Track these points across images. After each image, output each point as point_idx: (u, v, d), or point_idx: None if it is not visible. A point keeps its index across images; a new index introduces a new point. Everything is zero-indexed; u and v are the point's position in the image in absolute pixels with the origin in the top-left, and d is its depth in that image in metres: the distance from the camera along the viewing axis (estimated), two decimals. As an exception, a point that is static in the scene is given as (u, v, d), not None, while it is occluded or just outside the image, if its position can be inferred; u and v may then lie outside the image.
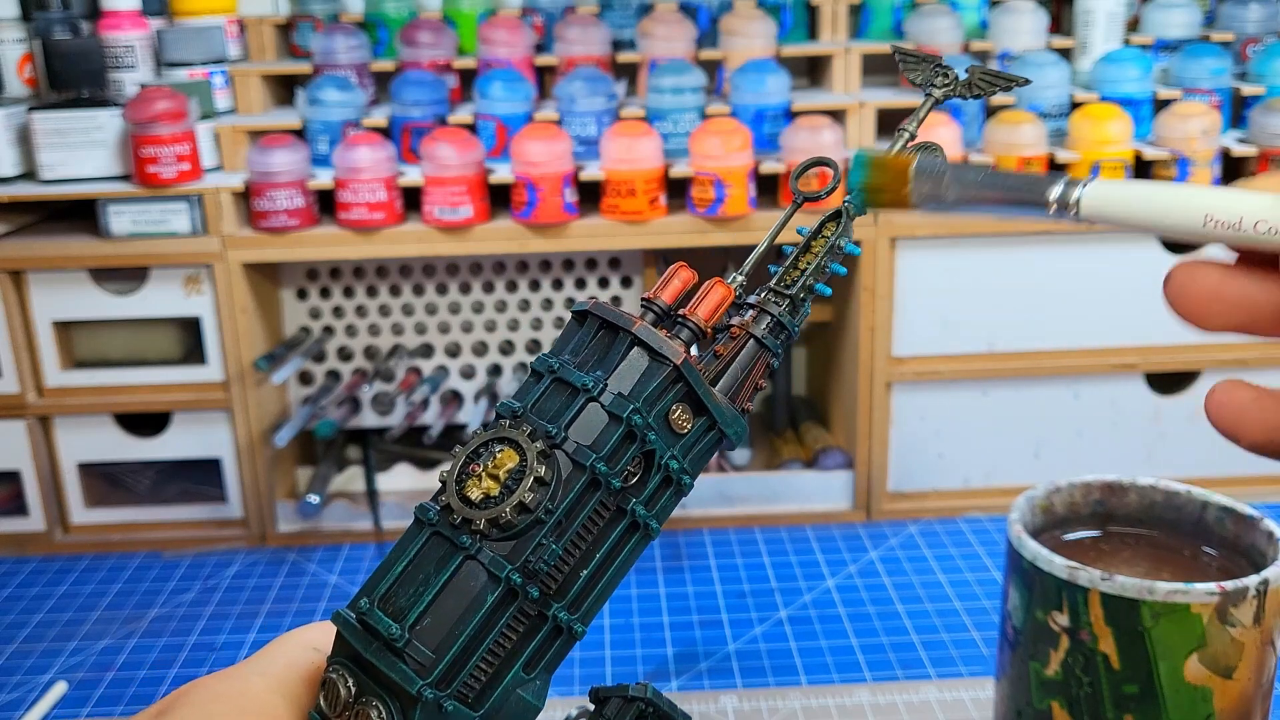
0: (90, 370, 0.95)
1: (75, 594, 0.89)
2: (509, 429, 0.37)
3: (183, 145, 0.90)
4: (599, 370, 0.38)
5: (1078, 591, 0.52)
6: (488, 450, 0.37)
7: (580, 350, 0.39)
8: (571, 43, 1.00)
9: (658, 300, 0.40)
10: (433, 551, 0.37)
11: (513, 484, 0.37)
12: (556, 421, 0.37)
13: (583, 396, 0.38)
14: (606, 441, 0.37)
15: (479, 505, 0.37)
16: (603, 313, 0.39)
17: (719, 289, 0.41)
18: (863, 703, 0.71)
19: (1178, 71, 1.00)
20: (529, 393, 0.39)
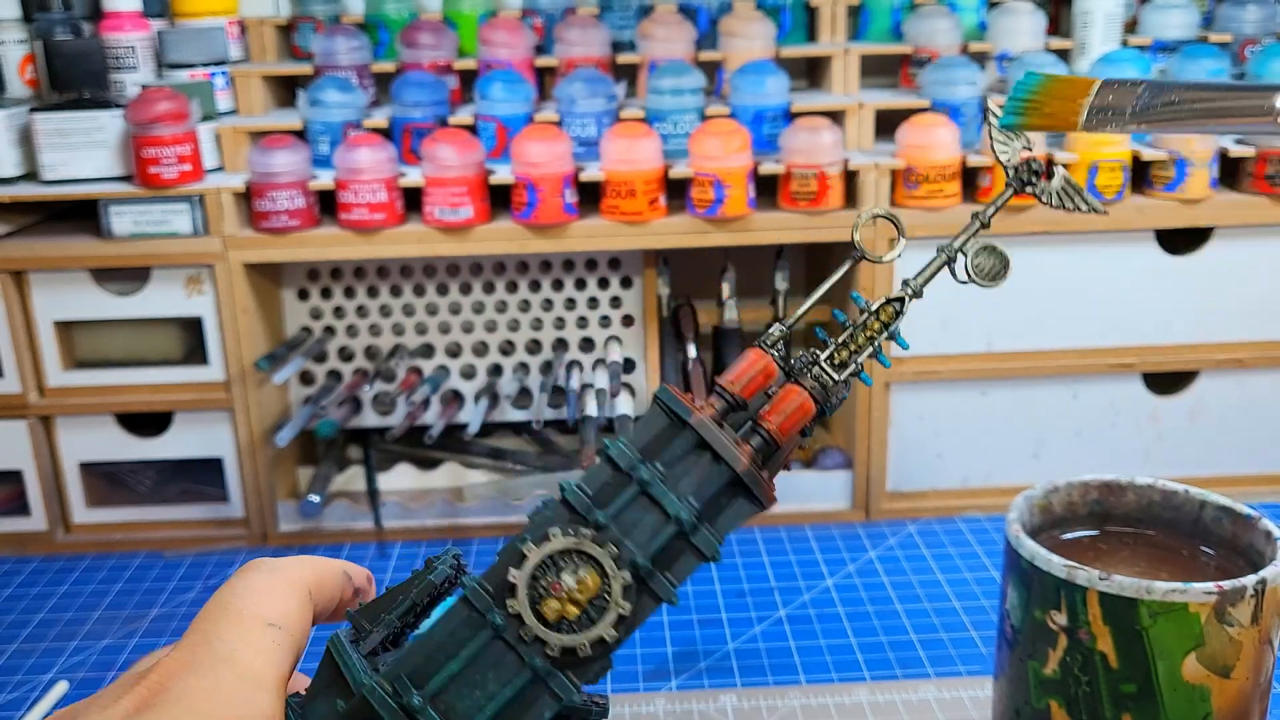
0: (92, 370, 0.95)
1: (77, 593, 0.89)
2: (592, 544, 0.36)
3: (184, 146, 0.90)
4: (692, 496, 0.37)
5: (1076, 591, 0.52)
6: (568, 563, 0.37)
7: (673, 462, 0.38)
8: (571, 44, 1.01)
9: (733, 392, 0.39)
10: (492, 656, 0.36)
11: (594, 613, 0.36)
12: (645, 549, 0.37)
13: (673, 526, 0.37)
14: (687, 573, 0.37)
15: (554, 627, 0.36)
16: (706, 434, 0.38)
17: (806, 406, 0.39)
18: (862, 702, 0.72)
19: (1176, 72, 1.00)
20: (611, 498, 0.37)
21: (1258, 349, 0.96)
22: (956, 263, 0.44)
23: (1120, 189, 0.92)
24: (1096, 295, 0.95)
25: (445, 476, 1.01)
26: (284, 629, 0.36)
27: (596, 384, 0.97)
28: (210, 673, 0.33)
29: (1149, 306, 0.95)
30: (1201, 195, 0.93)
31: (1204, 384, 0.97)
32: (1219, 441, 0.98)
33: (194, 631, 0.35)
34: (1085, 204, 0.43)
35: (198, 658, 0.34)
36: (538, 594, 0.36)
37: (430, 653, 0.37)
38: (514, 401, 0.99)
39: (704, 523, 0.38)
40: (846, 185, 0.93)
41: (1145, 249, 0.94)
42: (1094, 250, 0.94)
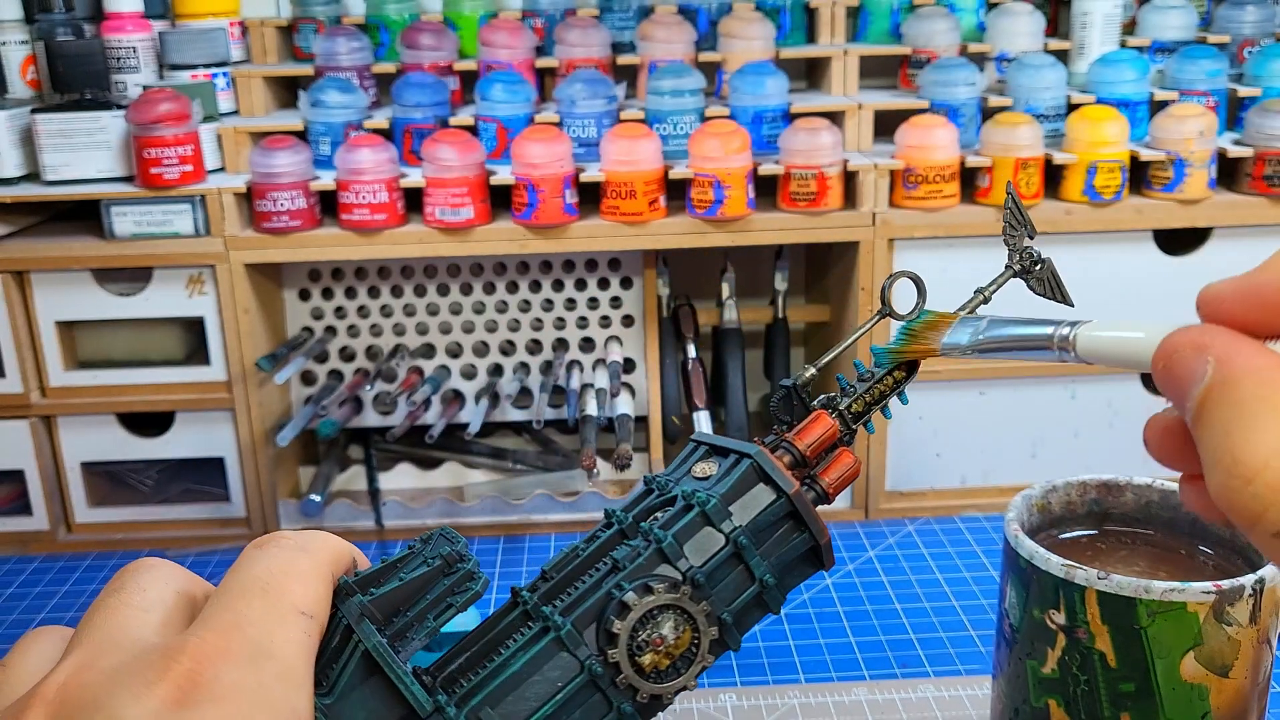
0: (93, 370, 0.95)
1: (78, 593, 0.90)
2: (690, 603, 0.38)
3: (185, 147, 0.91)
4: (773, 557, 0.40)
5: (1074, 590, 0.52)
6: (666, 616, 0.38)
7: (762, 526, 0.40)
8: (571, 45, 1.01)
9: (805, 454, 0.42)
10: (583, 698, 0.38)
11: (682, 666, 0.38)
12: (730, 606, 0.39)
13: (755, 587, 0.39)
14: (752, 626, 0.40)
15: (648, 676, 0.38)
16: (802, 509, 0.40)
17: (856, 468, 0.42)
18: (861, 700, 0.72)
19: (1174, 73, 1.00)
20: (705, 550, 0.39)
21: (1255, 349, 0.97)
22: None
23: (1119, 189, 0.92)
24: (1095, 295, 0.95)
25: (446, 476, 1.01)
26: (314, 618, 0.34)
27: (597, 384, 0.97)
28: (251, 667, 0.31)
29: (1147, 307, 0.96)
30: (1200, 196, 0.93)
31: (1202, 384, 0.98)
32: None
33: (223, 609, 0.33)
34: (1062, 297, 0.49)
35: (234, 645, 0.32)
36: (638, 646, 0.38)
37: (519, 691, 0.38)
38: (514, 401, 1.00)
39: (778, 581, 0.40)
40: (846, 186, 0.94)
41: (1144, 249, 0.94)
42: (1093, 251, 0.94)
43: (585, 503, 0.96)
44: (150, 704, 0.30)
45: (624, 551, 0.39)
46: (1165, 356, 0.30)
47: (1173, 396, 0.29)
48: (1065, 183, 0.93)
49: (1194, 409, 0.28)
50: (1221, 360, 0.28)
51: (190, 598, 0.35)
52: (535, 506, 0.97)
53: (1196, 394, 0.28)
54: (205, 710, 0.30)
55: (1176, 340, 0.30)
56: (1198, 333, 0.30)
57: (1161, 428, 0.32)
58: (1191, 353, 0.29)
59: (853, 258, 0.95)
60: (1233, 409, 0.27)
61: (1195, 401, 0.28)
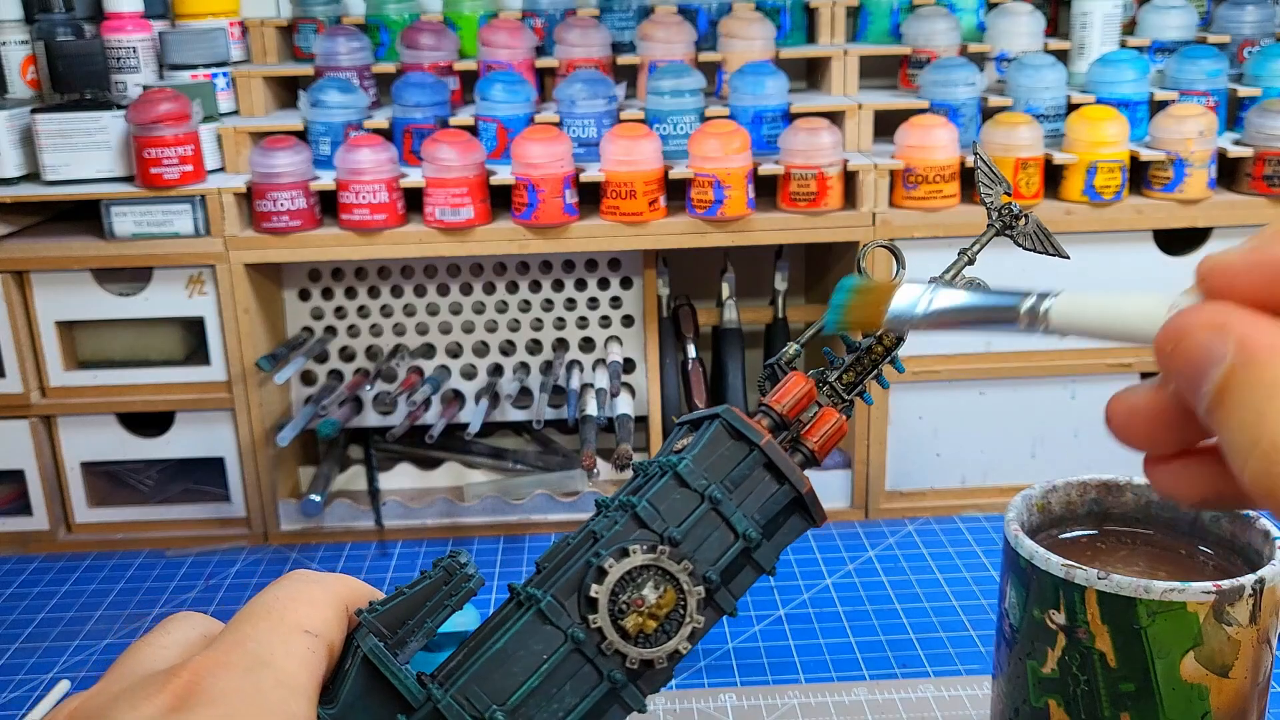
0: (94, 370, 0.95)
1: (78, 593, 0.90)
2: (670, 560, 0.38)
3: (185, 147, 0.91)
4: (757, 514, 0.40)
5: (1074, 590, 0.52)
6: (646, 577, 0.38)
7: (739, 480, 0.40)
8: (571, 45, 1.01)
9: (781, 413, 0.42)
10: (570, 669, 0.38)
11: (670, 628, 0.38)
12: (714, 564, 0.39)
13: (740, 544, 0.39)
14: (746, 588, 0.40)
15: (634, 641, 0.38)
16: (772, 454, 0.40)
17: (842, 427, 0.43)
18: (861, 700, 0.72)
19: (1174, 73, 1.00)
20: (680, 510, 0.39)
21: (1255, 349, 0.97)
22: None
23: (1118, 189, 0.92)
24: (1095, 295, 0.95)
25: (446, 476, 1.01)
26: (320, 637, 0.35)
27: (597, 384, 0.97)
28: (248, 675, 0.32)
29: (1147, 307, 0.96)
30: (1200, 196, 0.93)
31: (1202, 384, 0.98)
32: (1217, 441, 0.99)
33: (230, 631, 0.35)
34: (1053, 249, 0.47)
35: (233, 658, 0.33)
36: (619, 609, 0.38)
37: (505, 667, 0.38)
38: (514, 401, 1.00)
39: (765, 539, 0.40)
40: (845, 186, 0.94)
41: (1143, 249, 0.94)
42: (1092, 250, 0.94)
43: (585, 503, 0.96)
44: (147, 711, 0.31)
45: (602, 523, 0.39)
46: (1175, 337, 0.28)
47: (1182, 379, 0.28)
48: (1065, 183, 0.93)
49: (1213, 393, 0.27)
50: (1244, 341, 0.26)
51: (212, 639, 0.36)
52: (535, 506, 0.97)
53: (1216, 376, 0.26)
54: (200, 712, 0.31)
55: (1188, 320, 0.28)
56: (1213, 311, 0.28)
57: (1128, 407, 0.31)
58: (1208, 333, 0.27)
59: (852, 258, 0.94)
60: (1265, 391, 0.26)
61: (1215, 385, 0.26)
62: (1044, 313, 0.34)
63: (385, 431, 1.00)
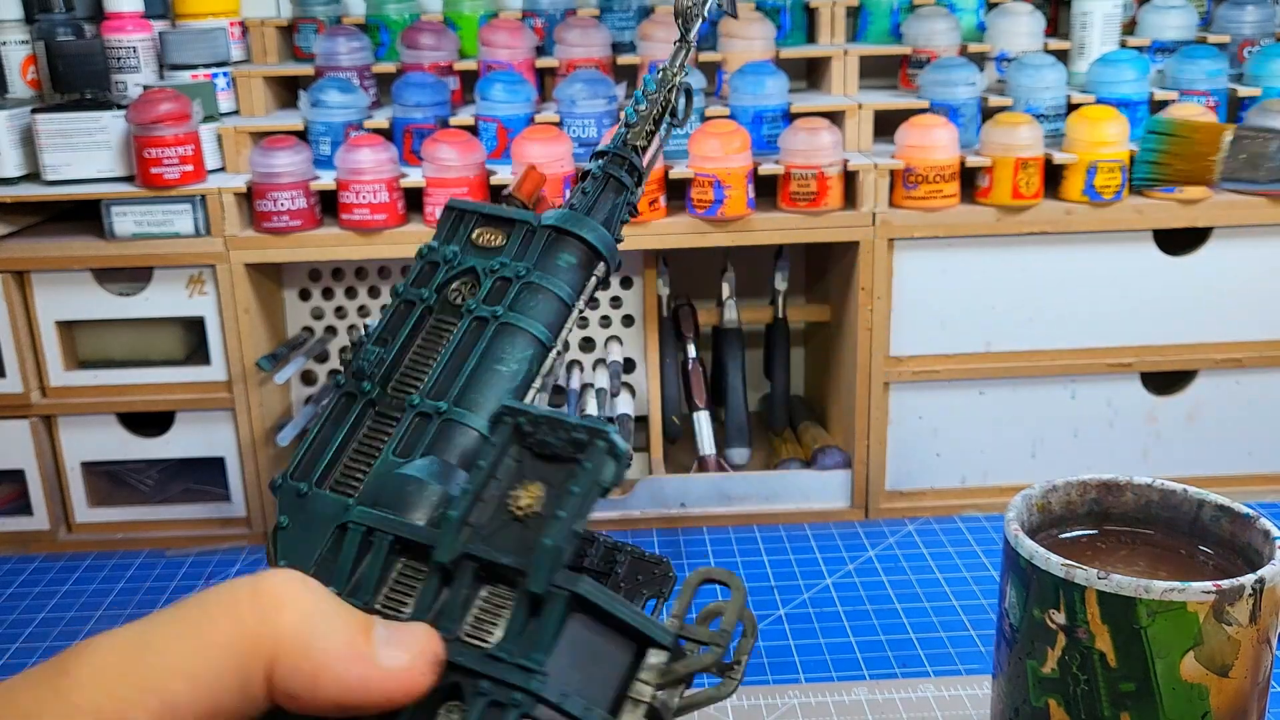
0: (94, 370, 0.95)
1: (79, 592, 0.90)
2: None
3: (186, 147, 0.91)
4: (452, 245, 0.44)
5: (1074, 590, 0.52)
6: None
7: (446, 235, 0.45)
8: (572, 45, 1.01)
9: (517, 197, 0.47)
10: (342, 404, 0.42)
11: (364, 339, 0.42)
12: (411, 285, 0.42)
13: (426, 256, 0.43)
14: (429, 281, 0.43)
15: (350, 356, 0.42)
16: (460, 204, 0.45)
17: (534, 173, 0.48)
18: (861, 700, 0.72)
19: (1174, 73, 1.00)
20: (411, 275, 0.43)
21: (1255, 349, 0.97)
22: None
23: (1118, 189, 0.93)
24: (1095, 295, 0.95)
25: (446, 476, 1.01)
26: None
27: (597, 383, 0.97)
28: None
29: (1147, 307, 0.96)
30: (1200, 196, 0.93)
31: (1202, 384, 0.98)
32: (1217, 441, 0.99)
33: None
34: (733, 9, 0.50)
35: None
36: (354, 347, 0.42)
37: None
38: (514, 401, 1.00)
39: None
40: (846, 186, 0.94)
41: (1144, 249, 0.94)
42: (1092, 250, 0.94)
43: (585, 502, 0.96)
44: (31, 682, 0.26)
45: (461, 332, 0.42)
46: None
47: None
48: (1065, 183, 0.93)
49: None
50: None
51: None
52: (535, 506, 0.97)
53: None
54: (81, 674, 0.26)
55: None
56: None
57: None
58: None
59: (853, 258, 0.95)
60: None
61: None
62: None
63: (385, 431, 1.00)
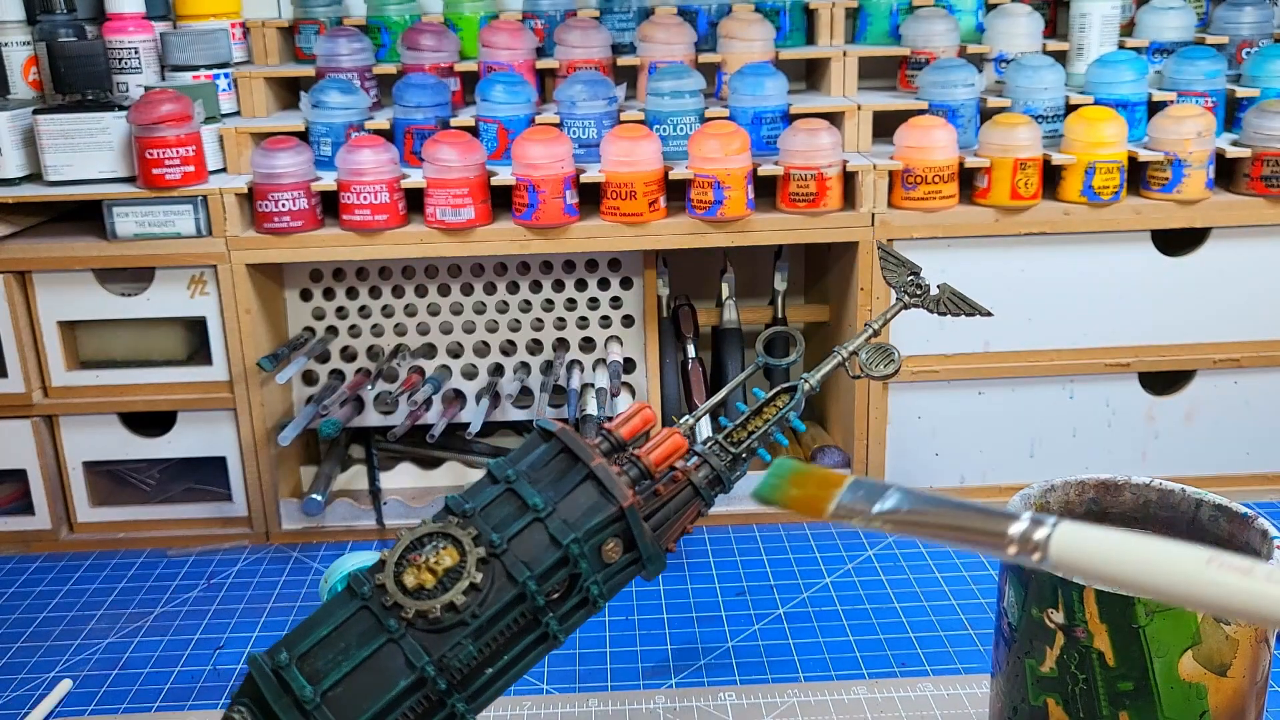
0: (96, 370, 0.95)
1: (80, 591, 0.90)
2: (456, 527, 0.40)
3: (187, 148, 0.91)
4: (551, 491, 0.41)
5: (1073, 589, 0.52)
6: (432, 542, 0.40)
7: (538, 466, 0.42)
8: (572, 46, 1.01)
9: (616, 433, 0.43)
10: (359, 625, 0.40)
11: (448, 582, 0.40)
12: (501, 531, 0.40)
13: (530, 514, 0.41)
14: (542, 562, 0.41)
15: (412, 594, 0.40)
16: (566, 439, 0.42)
17: (675, 439, 0.44)
18: (860, 699, 0.72)
19: (1172, 74, 1.00)
20: (480, 494, 0.42)
21: (1254, 349, 0.97)
22: (849, 362, 0.52)
23: (1117, 190, 0.93)
24: (1093, 296, 0.96)
25: (447, 475, 1.01)
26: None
27: (597, 384, 0.98)
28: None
29: (1145, 307, 0.96)
30: (1198, 196, 0.93)
31: (1200, 384, 0.98)
32: (1215, 441, 0.99)
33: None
34: (970, 308, 0.49)
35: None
36: (401, 566, 0.41)
37: (308, 626, 0.41)
38: (515, 401, 1.00)
39: (559, 516, 0.41)
40: (845, 187, 0.94)
41: (1142, 250, 0.95)
42: (1091, 251, 0.94)
43: (585, 502, 0.97)
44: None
45: None
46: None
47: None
48: (1064, 183, 0.94)
49: None
50: None
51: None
52: (536, 506, 0.97)
53: None
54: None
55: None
56: None
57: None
58: None
59: (852, 258, 0.95)
60: None
61: None
62: (1042, 541, 0.28)
63: (387, 431, 1.01)
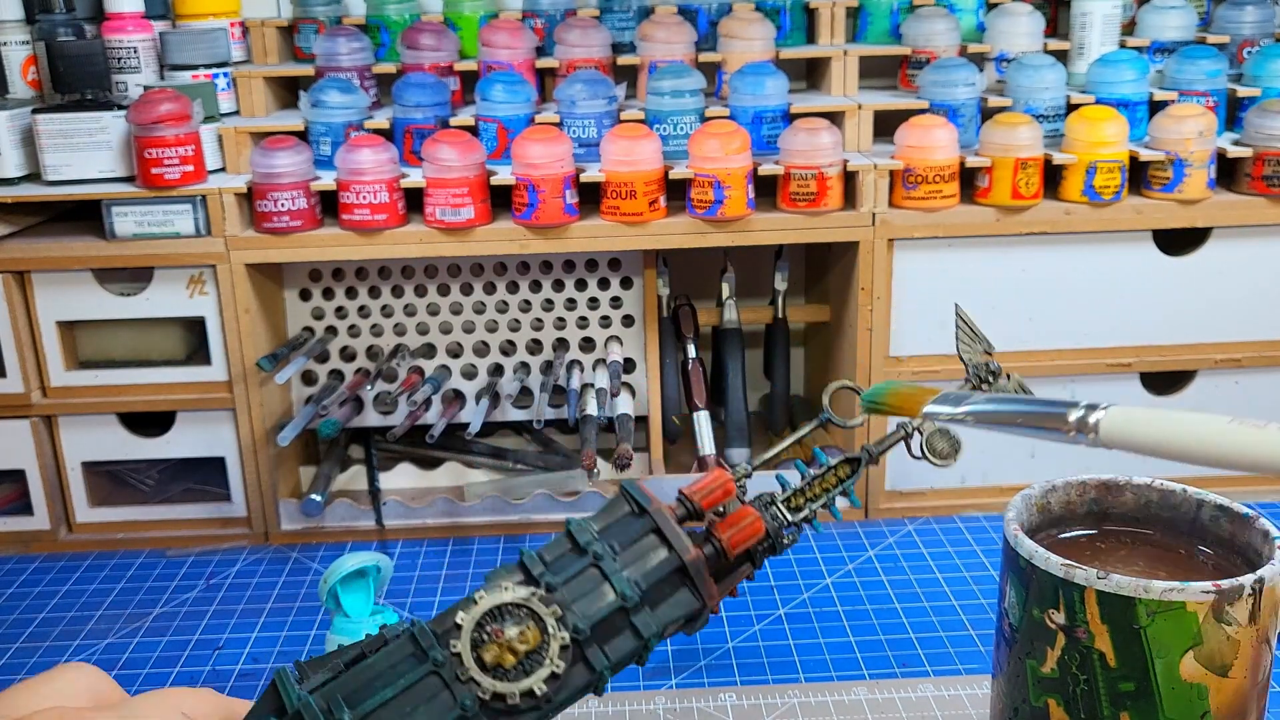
0: (95, 370, 0.95)
1: (79, 592, 0.90)
2: (539, 602, 0.39)
3: (186, 147, 0.91)
4: (639, 577, 0.40)
5: (1074, 590, 0.52)
6: (514, 616, 0.39)
7: (626, 543, 0.41)
8: (572, 46, 1.01)
9: (695, 501, 0.42)
10: (427, 690, 0.38)
11: (529, 665, 0.38)
12: (587, 618, 0.39)
13: (617, 602, 0.39)
14: (620, 650, 0.40)
15: (490, 671, 0.38)
16: (661, 522, 0.41)
17: (755, 524, 0.43)
18: (860, 699, 0.72)
19: (1174, 74, 1.00)
20: (563, 566, 0.40)
21: (1255, 349, 0.97)
22: (913, 439, 0.50)
23: (1118, 190, 0.93)
24: (1094, 296, 0.95)
25: (446, 476, 1.01)
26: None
27: (597, 383, 0.97)
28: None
29: (1147, 307, 0.96)
30: (1199, 196, 0.93)
31: (1201, 384, 0.98)
32: (1216, 441, 0.99)
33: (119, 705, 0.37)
34: None
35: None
36: (480, 638, 0.39)
37: (368, 679, 0.39)
38: (515, 401, 1.00)
39: (646, 606, 0.40)
40: (845, 186, 0.94)
41: (1143, 249, 0.95)
42: (1092, 251, 0.94)
43: (585, 502, 0.97)
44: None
45: (497, 570, 0.41)
46: None
47: None
48: (1065, 183, 0.94)
49: None
50: None
51: (100, 695, 0.39)
52: (535, 506, 0.97)
53: None
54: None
55: None
56: None
57: None
58: None
59: (852, 258, 0.95)
60: None
61: None
62: (1095, 424, 0.34)
63: (386, 431, 1.00)
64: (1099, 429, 0.35)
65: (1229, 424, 0.30)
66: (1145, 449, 0.34)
